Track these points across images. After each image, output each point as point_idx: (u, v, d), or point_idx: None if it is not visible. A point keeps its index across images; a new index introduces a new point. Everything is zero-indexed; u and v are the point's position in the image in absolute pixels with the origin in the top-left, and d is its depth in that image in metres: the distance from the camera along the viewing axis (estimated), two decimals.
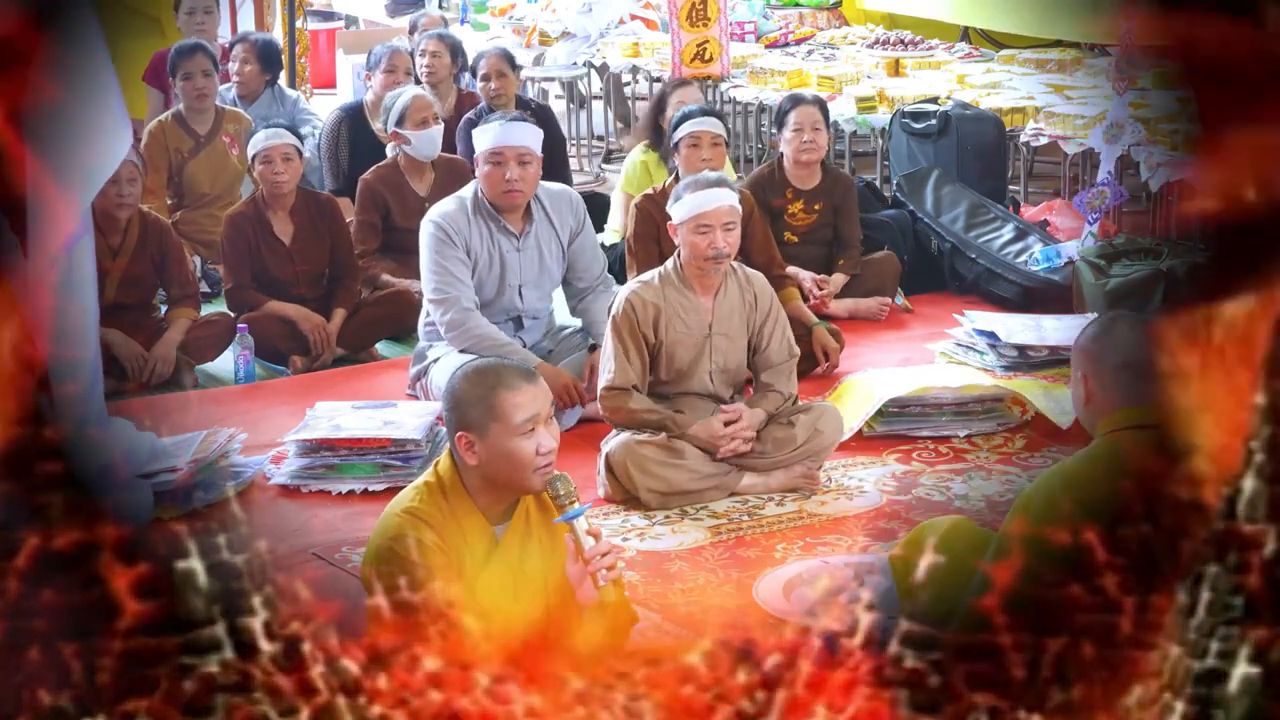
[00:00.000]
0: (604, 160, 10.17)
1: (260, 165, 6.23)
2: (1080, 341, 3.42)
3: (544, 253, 5.68)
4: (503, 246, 5.60)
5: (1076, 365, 3.40)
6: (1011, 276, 6.85)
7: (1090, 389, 3.34)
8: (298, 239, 6.33)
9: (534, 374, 3.32)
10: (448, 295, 5.51)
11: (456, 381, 3.31)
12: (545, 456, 3.26)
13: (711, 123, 6.13)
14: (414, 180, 6.73)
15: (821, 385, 5.79)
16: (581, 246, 5.77)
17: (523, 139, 5.54)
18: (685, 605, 4.19)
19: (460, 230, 5.54)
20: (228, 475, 4.95)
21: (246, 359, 6.01)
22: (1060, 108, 7.85)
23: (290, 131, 6.32)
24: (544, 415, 3.28)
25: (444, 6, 12.37)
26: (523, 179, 5.52)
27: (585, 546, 3.24)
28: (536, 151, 5.58)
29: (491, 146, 5.52)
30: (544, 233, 5.68)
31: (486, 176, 5.54)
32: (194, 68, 7.35)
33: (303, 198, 6.36)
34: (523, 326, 5.74)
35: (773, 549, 4.56)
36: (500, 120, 5.65)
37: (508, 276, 5.63)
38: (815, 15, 11.46)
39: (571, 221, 5.75)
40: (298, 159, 6.29)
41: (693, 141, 6.08)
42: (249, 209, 6.33)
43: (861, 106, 8.40)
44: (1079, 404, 3.42)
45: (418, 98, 6.73)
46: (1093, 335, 3.39)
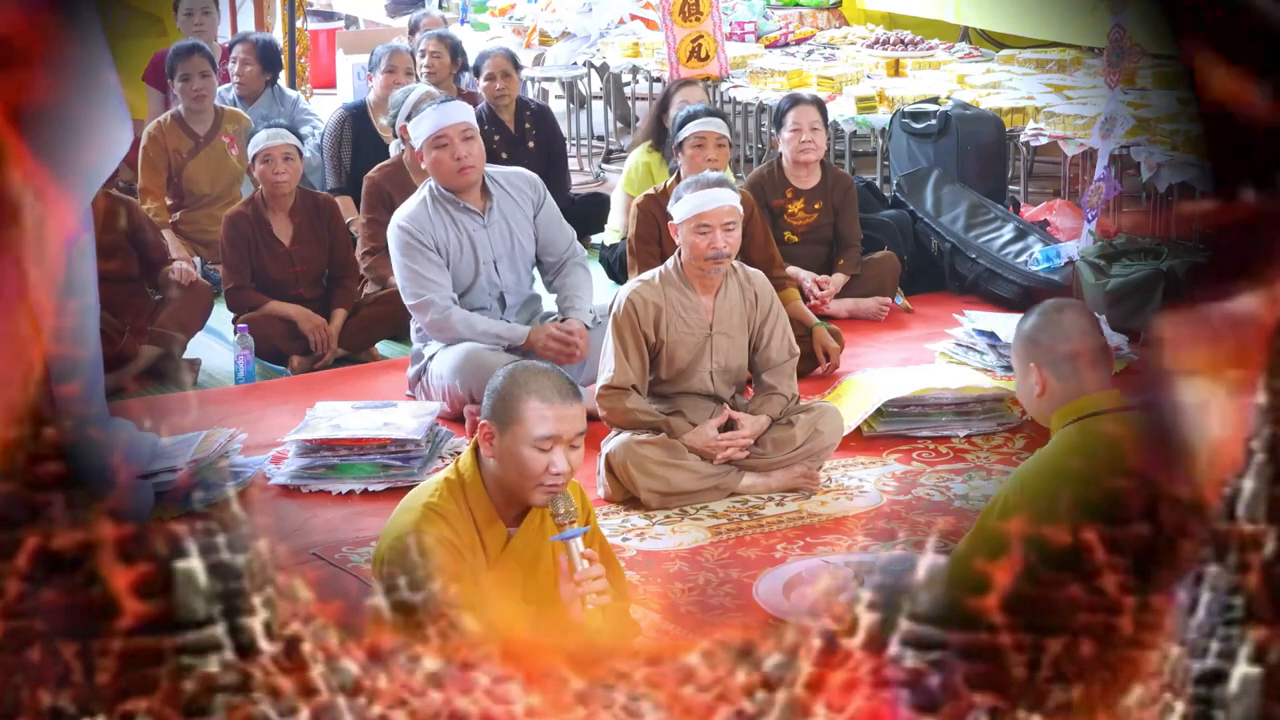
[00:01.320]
0: (604, 160, 10.16)
1: (260, 165, 6.24)
2: (1026, 332, 3.37)
3: (512, 226, 5.70)
4: (469, 227, 5.62)
5: (1025, 357, 3.35)
6: (1011, 276, 6.85)
7: (1044, 379, 3.31)
8: (297, 240, 6.33)
9: (576, 395, 3.30)
10: (423, 298, 5.53)
11: (504, 373, 3.32)
12: (554, 476, 3.25)
13: (717, 123, 6.13)
14: (419, 178, 6.71)
15: (821, 385, 5.79)
16: (547, 218, 5.79)
17: (461, 116, 5.60)
18: (685, 605, 4.19)
19: (424, 229, 5.56)
20: (228, 475, 4.95)
21: (246, 359, 6.01)
22: (1060, 108, 7.84)
23: (290, 131, 6.33)
24: (567, 438, 3.26)
25: (444, 6, 12.36)
26: (470, 154, 5.56)
27: (578, 568, 3.24)
28: (475, 126, 5.63)
29: (433, 131, 5.55)
30: (508, 206, 5.71)
31: (436, 162, 5.57)
32: (191, 68, 7.35)
33: (302, 198, 6.37)
34: (506, 305, 5.74)
35: (773, 549, 4.56)
36: (432, 105, 5.69)
37: (480, 254, 5.64)
38: (815, 15, 11.46)
39: (532, 195, 5.79)
40: (298, 159, 6.30)
41: (698, 142, 6.07)
42: (248, 210, 6.34)
43: (861, 106, 8.40)
44: (1029, 396, 3.38)
45: (429, 93, 6.75)
46: (1040, 325, 3.34)
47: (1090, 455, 3.14)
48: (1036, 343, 3.33)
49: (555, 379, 3.30)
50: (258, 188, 6.36)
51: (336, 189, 7.41)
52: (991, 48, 10.20)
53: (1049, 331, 3.32)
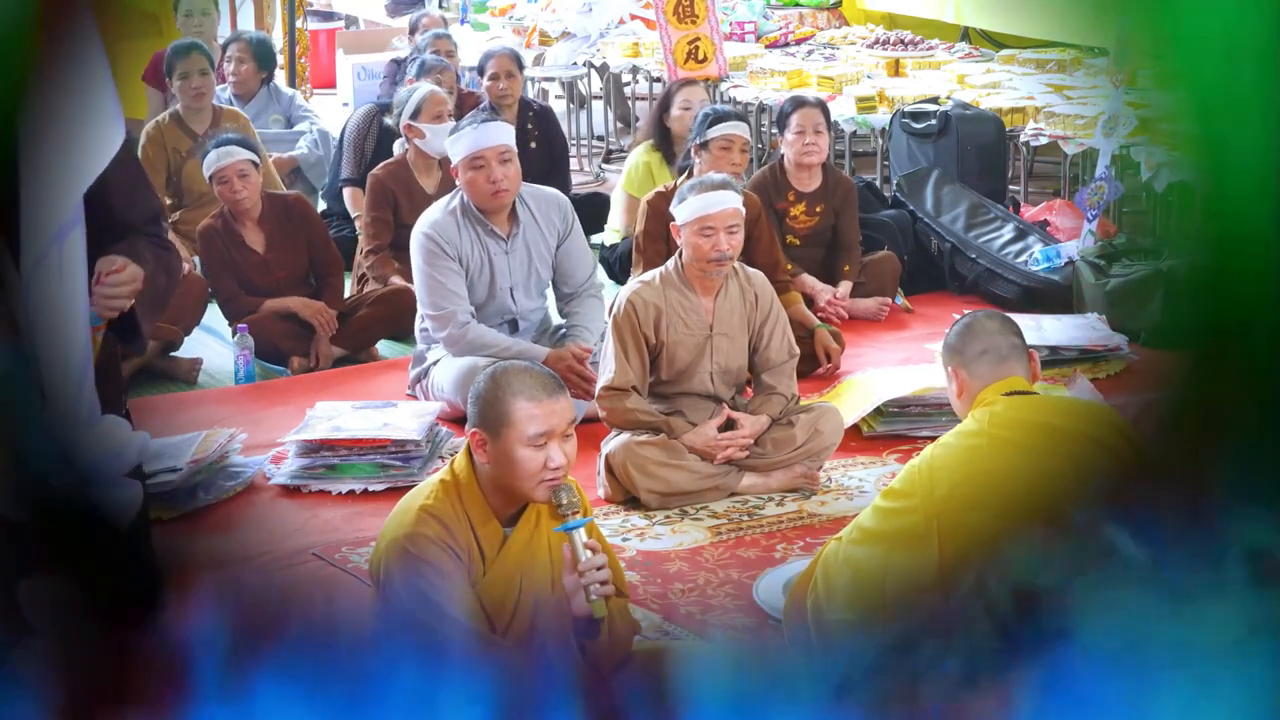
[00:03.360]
0: (604, 160, 10.16)
1: (218, 185, 6.20)
2: (947, 340, 3.68)
3: (532, 254, 5.66)
4: (491, 250, 5.59)
5: (946, 362, 3.65)
6: (1011, 276, 6.85)
7: (961, 380, 3.59)
8: (271, 247, 6.29)
9: (560, 388, 3.31)
10: (443, 311, 5.50)
11: (483, 379, 3.31)
12: (552, 471, 3.26)
13: (744, 127, 6.15)
14: (422, 177, 6.72)
15: (821, 385, 5.79)
16: (569, 250, 5.74)
17: (500, 138, 5.53)
18: (685, 605, 4.19)
19: (451, 240, 5.53)
20: (228, 475, 4.95)
21: (246, 359, 6.01)
22: (1060, 108, 7.84)
23: (241, 146, 6.24)
24: (560, 431, 3.27)
25: (444, 6, 12.36)
26: (506, 178, 5.51)
27: (581, 559, 3.24)
28: (514, 148, 5.58)
29: (471, 152, 5.49)
30: (532, 234, 5.66)
31: (471, 183, 5.52)
32: (190, 68, 7.34)
33: (270, 204, 6.32)
34: (518, 329, 5.72)
35: (773, 549, 4.56)
36: (472, 124, 5.62)
37: (498, 280, 5.61)
38: (815, 15, 11.45)
39: (560, 225, 5.73)
40: (254, 172, 6.22)
41: (725, 144, 6.05)
42: (217, 224, 6.28)
43: (861, 106, 8.39)
44: (953, 398, 3.65)
45: (434, 92, 6.75)
46: (957, 331, 3.66)
47: (977, 434, 3.42)
48: (951, 347, 3.63)
49: (537, 375, 3.31)
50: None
51: (350, 180, 7.39)
52: (991, 48, 10.20)
53: (963, 335, 3.62)
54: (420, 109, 6.66)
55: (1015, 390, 3.52)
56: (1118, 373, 5.88)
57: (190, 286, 6.18)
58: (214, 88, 7.57)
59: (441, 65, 7.67)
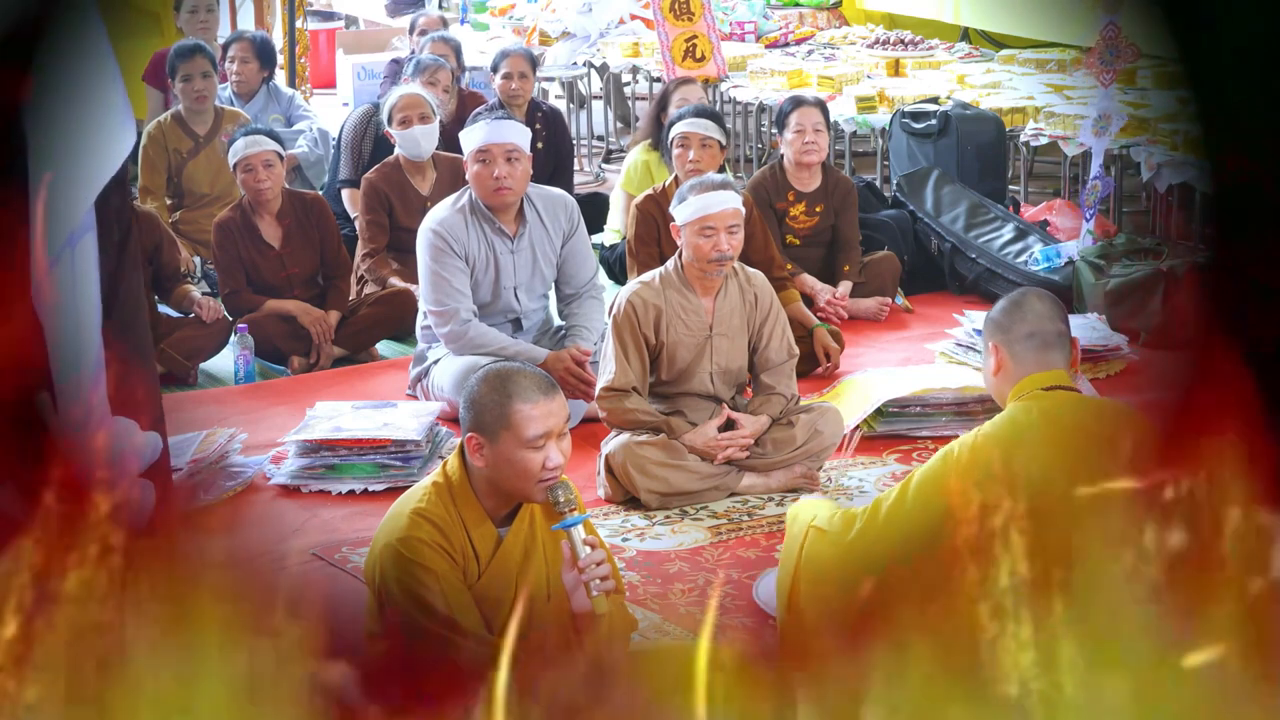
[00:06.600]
0: (604, 160, 10.17)
1: (242, 174, 6.21)
2: (991, 315, 3.57)
3: (537, 254, 5.67)
4: (497, 249, 5.59)
5: (988, 337, 3.55)
6: (1011, 276, 6.85)
7: (1000, 359, 3.50)
8: (287, 243, 6.30)
9: (554, 388, 3.31)
10: (446, 308, 5.50)
11: (476, 383, 3.30)
12: (551, 471, 3.25)
13: (702, 124, 6.09)
14: (415, 179, 6.72)
15: (821, 385, 5.79)
16: (573, 250, 5.74)
17: (510, 136, 5.53)
18: (685, 605, 4.19)
19: (458, 237, 5.53)
20: (228, 475, 4.95)
21: (246, 359, 6.01)
22: (1060, 108, 7.84)
23: (269, 137, 6.28)
24: (557, 431, 3.27)
25: (444, 6, 12.37)
26: (511, 176, 5.50)
27: (580, 555, 3.24)
28: (524, 149, 5.56)
29: (479, 145, 5.51)
30: (538, 235, 5.67)
31: (475, 176, 5.53)
32: (193, 69, 7.35)
33: (289, 200, 6.34)
34: (521, 328, 5.73)
35: (773, 549, 4.55)
36: (486, 119, 5.64)
37: (503, 279, 5.62)
38: (815, 15, 11.46)
39: (565, 225, 5.73)
40: (278, 164, 6.25)
41: (681, 142, 6.07)
42: (236, 215, 6.30)
43: (861, 106, 8.40)
44: (988, 375, 3.57)
45: (404, 96, 6.69)
46: (1004, 308, 3.55)
47: (1027, 427, 3.35)
48: (997, 323, 3.53)
49: (532, 377, 3.30)
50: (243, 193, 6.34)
51: (347, 181, 7.40)
52: (991, 48, 10.20)
53: (1010, 314, 3.52)
54: (391, 115, 6.65)
55: (1056, 385, 3.44)
56: (1118, 373, 5.89)
57: (215, 331, 6.17)
58: (216, 89, 7.58)
59: (436, 64, 7.67)
